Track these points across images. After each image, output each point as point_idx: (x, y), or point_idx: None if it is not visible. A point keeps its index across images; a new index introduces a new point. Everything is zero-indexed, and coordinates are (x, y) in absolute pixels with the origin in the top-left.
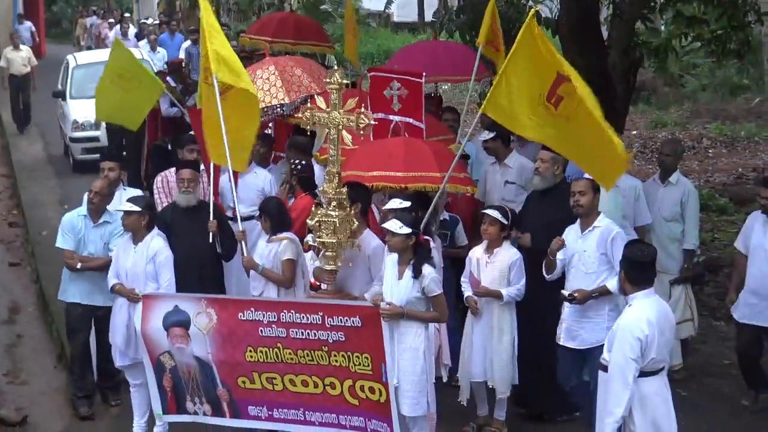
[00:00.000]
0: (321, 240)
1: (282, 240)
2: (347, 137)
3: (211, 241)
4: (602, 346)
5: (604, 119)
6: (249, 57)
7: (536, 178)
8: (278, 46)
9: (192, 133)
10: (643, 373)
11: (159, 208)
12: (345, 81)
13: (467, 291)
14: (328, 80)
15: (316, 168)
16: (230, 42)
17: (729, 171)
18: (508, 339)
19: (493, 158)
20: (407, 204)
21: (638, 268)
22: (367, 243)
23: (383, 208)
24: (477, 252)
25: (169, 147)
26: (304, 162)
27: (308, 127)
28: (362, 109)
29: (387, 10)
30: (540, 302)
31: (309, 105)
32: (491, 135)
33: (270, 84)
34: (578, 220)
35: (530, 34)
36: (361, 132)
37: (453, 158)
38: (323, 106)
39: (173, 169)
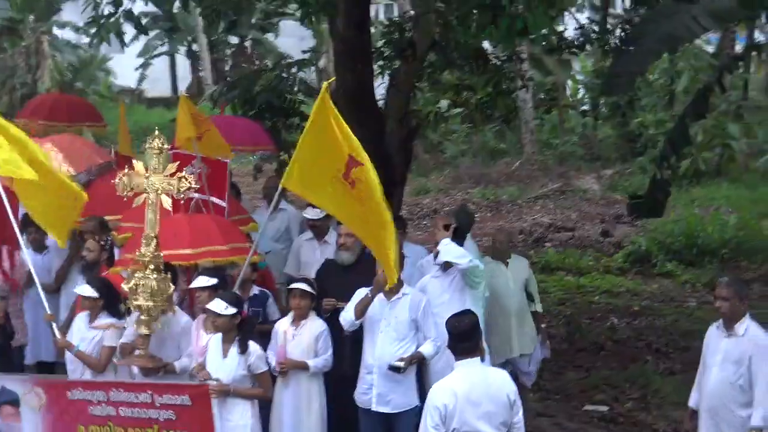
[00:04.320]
0: (137, 303)
1: (108, 327)
2: (166, 201)
3: None
4: (411, 410)
5: (387, 215)
6: None
7: (344, 253)
8: (54, 129)
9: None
10: None
11: None
12: (166, 146)
13: (272, 363)
14: (148, 144)
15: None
16: None
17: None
18: (317, 410)
19: (311, 234)
20: (214, 281)
21: (455, 338)
22: (177, 320)
23: (191, 286)
24: (283, 324)
25: None
26: (110, 239)
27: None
28: (183, 173)
29: (140, 86)
30: (350, 371)
31: (126, 170)
32: (322, 214)
33: (51, 159)
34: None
35: (323, 107)
36: (182, 196)
37: (236, 229)
38: (142, 170)
39: None
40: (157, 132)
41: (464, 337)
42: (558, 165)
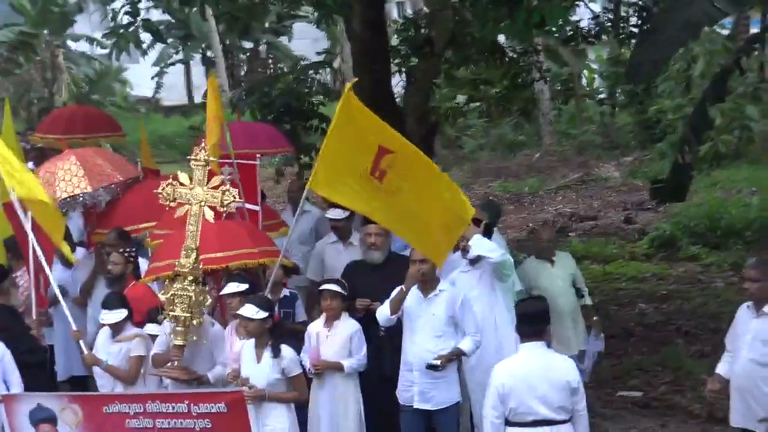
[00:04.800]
0: (174, 314)
1: (133, 338)
2: (209, 213)
3: None
4: (453, 406)
5: (442, 179)
6: (41, 154)
7: (375, 252)
8: (71, 141)
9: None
10: (510, 423)
11: None
12: (210, 158)
13: (307, 365)
14: (193, 156)
15: None
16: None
17: (519, 227)
18: (354, 409)
19: (334, 237)
20: (245, 286)
21: (521, 322)
22: (208, 329)
23: (222, 293)
24: (316, 326)
25: None
26: (135, 249)
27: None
28: (227, 186)
29: (156, 95)
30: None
31: (170, 180)
32: (345, 214)
33: (72, 174)
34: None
35: (348, 106)
36: (225, 209)
37: (263, 232)
38: (186, 181)
39: None
40: (203, 144)
41: (529, 321)
42: (577, 155)
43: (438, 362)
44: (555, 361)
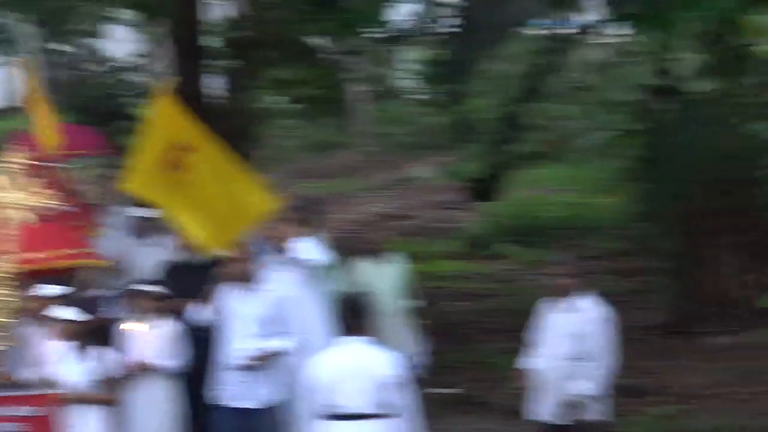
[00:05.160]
0: None
1: None
2: (27, 216)
3: None
4: (272, 405)
5: (246, 178)
6: None
7: (191, 252)
8: None
9: None
10: (327, 416)
11: None
12: (27, 161)
13: (124, 365)
14: (7, 159)
15: None
16: None
17: (338, 227)
18: (172, 411)
19: (145, 236)
20: (62, 288)
21: (343, 315)
22: (22, 330)
23: (38, 295)
24: (134, 326)
25: None
26: None
27: None
28: (44, 188)
29: None
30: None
31: None
32: (156, 213)
33: None
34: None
35: (159, 106)
36: (43, 211)
37: (78, 233)
38: (2, 184)
39: None
40: (20, 146)
41: (350, 315)
42: (395, 155)
43: (254, 362)
44: (376, 356)
